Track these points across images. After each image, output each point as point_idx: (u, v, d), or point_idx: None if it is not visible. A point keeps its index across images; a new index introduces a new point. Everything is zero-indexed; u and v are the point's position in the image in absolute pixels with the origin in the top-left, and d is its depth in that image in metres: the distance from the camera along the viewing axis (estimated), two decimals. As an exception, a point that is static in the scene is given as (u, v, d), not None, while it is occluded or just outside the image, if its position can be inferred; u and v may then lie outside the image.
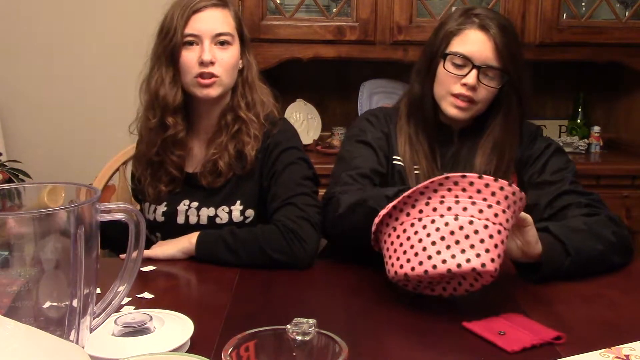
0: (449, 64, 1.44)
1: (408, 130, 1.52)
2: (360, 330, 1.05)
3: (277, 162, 1.48)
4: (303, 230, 1.38)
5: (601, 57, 2.51)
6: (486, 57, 1.42)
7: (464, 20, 1.45)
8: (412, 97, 1.53)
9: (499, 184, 1.05)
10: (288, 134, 1.53)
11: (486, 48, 1.42)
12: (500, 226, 1.06)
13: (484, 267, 1.03)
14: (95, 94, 2.76)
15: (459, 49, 1.43)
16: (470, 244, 1.04)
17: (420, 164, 1.50)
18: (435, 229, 1.06)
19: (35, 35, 2.71)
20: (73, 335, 0.80)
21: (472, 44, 1.43)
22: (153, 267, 1.36)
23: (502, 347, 0.97)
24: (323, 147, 2.61)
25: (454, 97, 1.45)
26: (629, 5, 2.54)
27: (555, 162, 1.50)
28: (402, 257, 1.08)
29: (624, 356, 0.94)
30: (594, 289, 1.25)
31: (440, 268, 1.04)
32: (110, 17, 2.72)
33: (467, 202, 1.05)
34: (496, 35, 1.42)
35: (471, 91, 1.43)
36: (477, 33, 1.43)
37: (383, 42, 2.42)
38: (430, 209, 1.07)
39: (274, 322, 0.80)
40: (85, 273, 0.78)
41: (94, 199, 0.78)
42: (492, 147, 1.49)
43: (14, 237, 0.74)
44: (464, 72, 1.43)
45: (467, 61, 1.42)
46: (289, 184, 1.45)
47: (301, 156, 1.51)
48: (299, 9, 2.44)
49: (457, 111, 1.45)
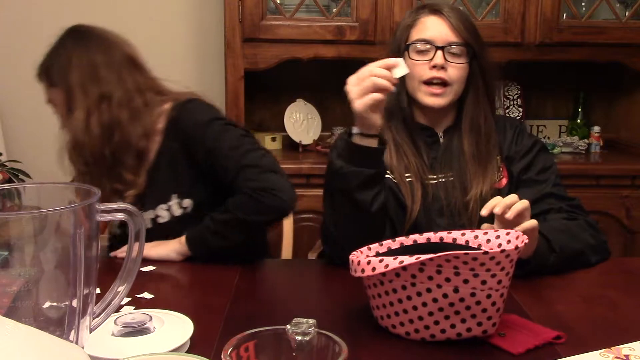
0: (413, 53, 1.45)
1: (391, 135, 1.49)
2: (360, 330, 1.05)
3: (206, 140, 1.45)
4: (268, 182, 1.39)
5: (601, 57, 2.51)
6: (446, 35, 1.43)
7: (416, 12, 1.49)
8: (389, 104, 1.46)
9: (505, 254, 0.95)
10: (198, 109, 1.50)
11: (443, 28, 1.44)
12: (504, 289, 0.99)
13: (486, 333, 0.99)
14: (95, 94, 2.75)
15: (419, 36, 1.45)
16: (471, 314, 0.97)
17: (410, 167, 1.47)
18: (432, 299, 0.96)
19: (36, 36, 2.71)
20: (73, 336, 0.80)
21: (430, 28, 1.45)
22: (153, 267, 1.36)
23: (507, 349, 0.97)
24: (323, 147, 2.61)
25: (426, 85, 1.44)
26: (629, 5, 2.54)
27: (541, 161, 1.51)
28: (394, 318, 1.01)
29: (624, 356, 0.94)
30: (594, 289, 1.25)
31: (439, 337, 0.99)
32: (111, 18, 2.72)
33: (468, 274, 0.94)
34: (449, 13, 1.45)
35: (442, 72, 1.43)
36: (431, 18, 1.46)
37: (383, 42, 2.42)
38: (424, 276, 0.96)
39: (273, 322, 0.80)
40: (85, 273, 0.78)
41: (93, 199, 0.78)
42: (470, 126, 1.49)
43: (14, 237, 0.74)
44: (429, 56, 1.43)
45: (429, 45, 1.43)
46: (231, 151, 1.43)
47: (225, 122, 1.49)
48: (299, 9, 2.44)
49: (434, 98, 1.44)
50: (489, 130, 1.49)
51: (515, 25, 2.44)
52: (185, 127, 1.47)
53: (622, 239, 2.46)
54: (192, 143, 1.46)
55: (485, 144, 1.48)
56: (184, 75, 2.78)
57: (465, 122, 1.49)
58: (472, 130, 1.49)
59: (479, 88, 1.49)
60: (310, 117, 2.69)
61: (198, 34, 2.75)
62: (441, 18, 1.45)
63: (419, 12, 1.49)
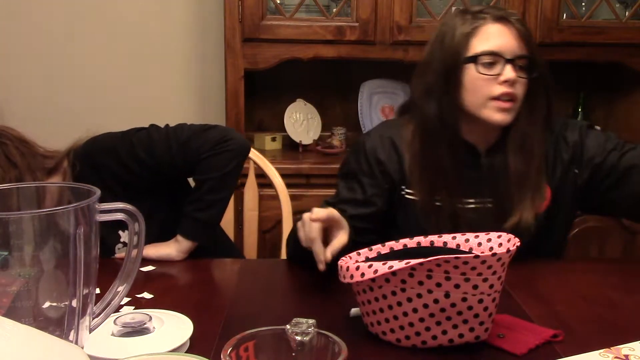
0: (480, 66, 1.31)
1: (426, 157, 1.37)
2: (360, 330, 1.05)
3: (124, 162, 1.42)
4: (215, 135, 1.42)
5: (601, 57, 2.51)
6: (513, 47, 1.31)
7: (474, 19, 1.33)
8: (427, 119, 1.36)
9: (496, 257, 0.93)
10: (95, 147, 1.46)
11: (510, 38, 1.31)
12: (496, 293, 0.97)
13: (478, 339, 0.98)
14: (95, 95, 2.76)
15: (485, 47, 1.31)
16: (463, 319, 0.95)
17: (444, 190, 1.35)
18: (423, 305, 0.95)
19: (36, 36, 2.71)
20: (72, 336, 0.80)
21: (496, 38, 1.31)
22: (153, 267, 1.36)
23: (510, 350, 0.97)
24: (323, 147, 2.61)
25: (494, 100, 1.31)
26: (629, 5, 2.54)
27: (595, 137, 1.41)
28: (385, 325, 0.99)
29: (624, 356, 0.94)
30: (594, 289, 1.25)
31: (430, 343, 0.97)
32: (111, 18, 2.72)
33: (459, 278, 0.93)
34: (517, 23, 1.33)
35: (512, 87, 1.31)
36: (496, 26, 1.32)
37: (383, 42, 2.42)
38: (415, 282, 0.94)
39: (273, 322, 0.80)
40: (85, 273, 0.78)
41: (93, 199, 0.78)
42: (520, 145, 1.35)
43: (14, 237, 0.74)
44: (497, 70, 1.31)
45: (498, 57, 1.30)
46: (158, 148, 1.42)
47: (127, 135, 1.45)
48: (299, 9, 2.44)
49: (503, 115, 1.32)
50: (541, 153, 1.37)
51: (515, 25, 2.44)
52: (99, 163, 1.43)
53: (622, 239, 2.46)
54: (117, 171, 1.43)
55: (537, 168, 1.36)
56: (184, 75, 2.78)
57: (514, 141, 1.36)
58: (522, 150, 1.35)
59: (536, 106, 1.37)
60: (310, 117, 2.69)
61: (198, 34, 2.75)
62: (507, 27, 1.32)
63: (478, 19, 1.32)
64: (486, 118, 1.33)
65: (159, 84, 2.76)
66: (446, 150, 1.35)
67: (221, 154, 1.43)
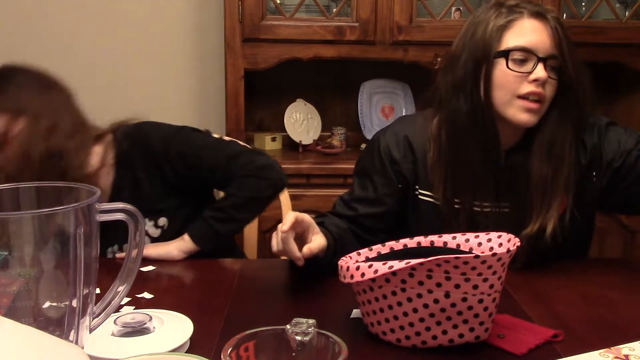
0: (511, 62, 1.26)
1: (454, 155, 1.31)
2: (360, 330, 1.05)
3: (170, 155, 1.46)
4: (263, 161, 1.47)
5: (601, 57, 2.51)
6: (548, 46, 1.26)
7: (509, 12, 1.28)
8: (457, 116, 1.30)
9: (496, 257, 0.92)
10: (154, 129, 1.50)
11: (546, 36, 1.26)
12: (496, 293, 0.96)
13: (478, 339, 0.98)
14: (95, 95, 2.75)
15: (518, 43, 1.25)
16: (463, 319, 0.95)
17: (464, 195, 1.31)
18: (423, 304, 0.94)
19: (36, 36, 2.71)
20: (72, 336, 0.80)
21: (531, 34, 1.26)
22: (153, 267, 1.36)
23: (510, 350, 0.97)
24: (323, 147, 2.62)
25: (521, 99, 1.26)
26: (629, 5, 2.54)
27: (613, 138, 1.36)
28: (385, 324, 0.99)
29: (624, 356, 0.94)
30: (594, 289, 1.25)
31: (430, 343, 0.97)
32: (111, 17, 2.72)
33: (460, 278, 0.92)
34: (553, 20, 1.28)
35: (541, 87, 1.26)
36: (532, 22, 1.27)
37: (383, 42, 2.42)
38: (415, 282, 0.94)
39: (273, 322, 0.80)
40: (85, 273, 0.78)
41: (93, 199, 0.78)
42: (547, 149, 1.29)
43: (14, 237, 0.74)
44: (528, 68, 1.25)
45: (530, 54, 1.25)
46: (208, 151, 1.47)
47: (190, 128, 1.51)
48: (299, 9, 2.44)
49: (529, 115, 1.26)
50: (570, 162, 1.30)
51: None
52: (150, 148, 1.46)
53: (622, 238, 2.46)
54: (161, 160, 1.46)
55: (565, 177, 1.29)
56: (184, 75, 2.78)
57: (540, 145, 1.30)
58: (549, 156, 1.29)
59: (567, 110, 1.31)
60: (310, 117, 2.69)
61: (198, 34, 2.75)
62: (543, 24, 1.26)
63: (515, 13, 1.27)
64: (511, 117, 1.28)
65: (159, 84, 2.76)
66: (477, 149, 1.29)
67: (261, 179, 1.46)
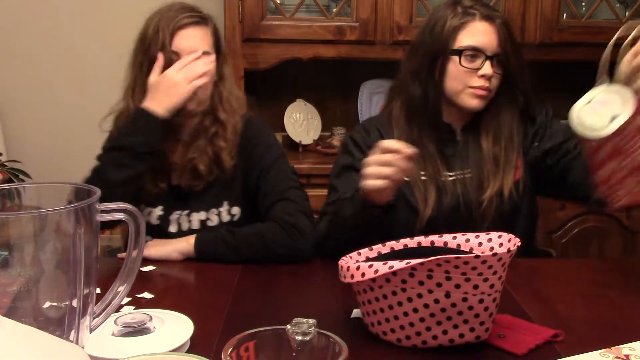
0: (463, 59, 1.45)
1: (410, 134, 1.50)
2: (360, 330, 1.05)
3: (262, 161, 1.51)
4: (302, 223, 1.42)
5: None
6: (494, 45, 1.45)
7: (464, 14, 1.47)
8: (412, 99, 1.52)
9: (497, 257, 0.93)
10: (264, 131, 1.57)
11: (493, 37, 1.45)
12: (496, 293, 0.97)
13: (478, 339, 0.98)
14: (95, 94, 2.75)
15: (470, 43, 1.45)
16: (463, 319, 0.95)
17: (426, 168, 1.48)
18: (424, 304, 0.95)
19: (36, 36, 2.71)
20: (73, 336, 0.80)
21: (481, 35, 1.45)
22: (153, 267, 1.36)
23: (511, 350, 0.97)
24: (323, 147, 2.62)
25: (472, 88, 1.46)
26: (629, 5, 2.54)
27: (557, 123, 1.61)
28: (385, 324, 0.99)
29: (624, 356, 0.94)
30: (594, 289, 1.25)
31: (431, 343, 0.97)
32: (111, 17, 2.72)
33: (460, 278, 0.93)
34: (500, 24, 1.46)
35: (488, 81, 1.46)
36: (482, 24, 1.46)
37: (383, 42, 2.42)
38: (415, 282, 0.94)
39: (274, 322, 0.80)
40: (85, 273, 0.78)
41: (93, 199, 0.78)
42: (494, 130, 1.51)
43: (14, 237, 0.74)
44: (477, 64, 1.45)
45: (479, 53, 1.45)
46: (279, 180, 1.49)
47: (282, 152, 1.55)
48: (299, 9, 2.44)
49: (478, 100, 1.47)
50: (512, 137, 1.52)
51: (515, 25, 2.43)
52: (253, 144, 1.52)
53: (622, 239, 2.46)
54: (253, 159, 1.51)
55: (506, 150, 1.50)
56: (184, 75, 2.78)
57: (487, 124, 1.52)
58: (494, 134, 1.51)
59: (511, 97, 1.52)
60: (310, 117, 2.69)
61: (198, 34, 2.75)
62: (492, 26, 1.46)
63: (468, 15, 1.46)
64: (463, 103, 1.49)
65: (159, 84, 2.75)
66: (426, 128, 1.51)
67: (286, 236, 1.41)
